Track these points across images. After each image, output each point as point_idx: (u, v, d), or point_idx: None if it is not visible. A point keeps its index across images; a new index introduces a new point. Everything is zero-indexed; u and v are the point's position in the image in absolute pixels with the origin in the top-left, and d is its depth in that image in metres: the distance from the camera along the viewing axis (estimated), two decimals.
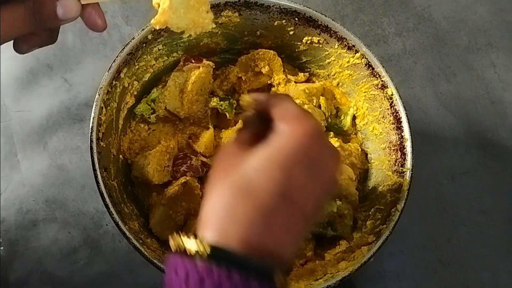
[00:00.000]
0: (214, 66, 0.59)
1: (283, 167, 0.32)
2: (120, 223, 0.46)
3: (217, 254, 0.29)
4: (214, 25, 0.40)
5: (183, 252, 0.30)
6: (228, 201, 0.31)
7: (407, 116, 0.54)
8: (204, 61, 0.58)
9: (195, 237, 0.31)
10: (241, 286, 0.28)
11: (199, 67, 0.57)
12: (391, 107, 0.56)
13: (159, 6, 0.38)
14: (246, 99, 0.39)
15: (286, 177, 0.32)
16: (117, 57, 0.51)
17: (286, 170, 0.32)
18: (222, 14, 0.57)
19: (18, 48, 0.36)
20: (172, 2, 0.37)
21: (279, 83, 0.62)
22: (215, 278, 0.28)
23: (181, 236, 0.31)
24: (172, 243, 0.31)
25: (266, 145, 0.33)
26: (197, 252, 0.29)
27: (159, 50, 0.56)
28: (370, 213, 0.55)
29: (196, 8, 0.38)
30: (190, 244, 0.30)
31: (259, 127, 0.37)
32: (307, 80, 0.64)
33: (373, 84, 0.57)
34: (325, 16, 0.56)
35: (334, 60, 0.60)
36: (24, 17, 0.34)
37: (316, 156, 0.33)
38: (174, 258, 0.31)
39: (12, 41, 0.35)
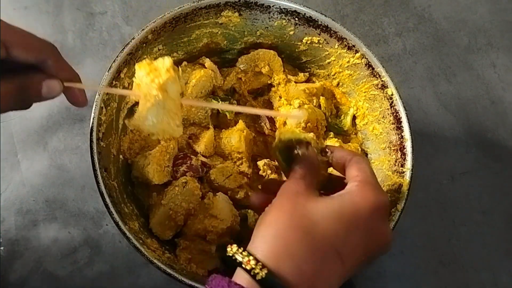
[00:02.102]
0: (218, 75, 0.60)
1: (347, 226, 0.35)
2: (120, 223, 0.46)
3: (269, 281, 0.32)
4: (181, 133, 0.43)
5: (234, 263, 0.33)
6: (289, 234, 0.34)
7: (407, 116, 0.54)
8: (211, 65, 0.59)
9: (248, 253, 0.33)
10: None
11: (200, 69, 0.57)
12: (391, 107, 0.56)
13: (136, 104, 0.41)
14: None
15: (346, 236, 0.35)
16: (117, 57, 0.51)
17: (348, 230, 0.35)
18: (222, 14, 0.57)
19: None
20: (147, 114, 0.40)
21: (279, 83, 0.62)
22: None
23: (239, 250, 0.34)
24: (229, 250, 0.34)
25: (338, 200, 0.36)
26: (251, 270, 0.32)
27: (159, 50, 0.56)
28: None
29: (167, 122, 0.42)
30: (248, 261, 0.33)
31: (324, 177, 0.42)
32: (307, 80, 0.64)
33: (373, 84, 0.57)
34: (325, 16, 0.56)
35: (334, 60, 0.60)
36: (12, 94, 0.36)
37: (376, 229, 0.36)
38: (219, 280, 0.32)
39: None
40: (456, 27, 0.78)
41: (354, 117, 0.63)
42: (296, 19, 0.57)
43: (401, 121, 0.55)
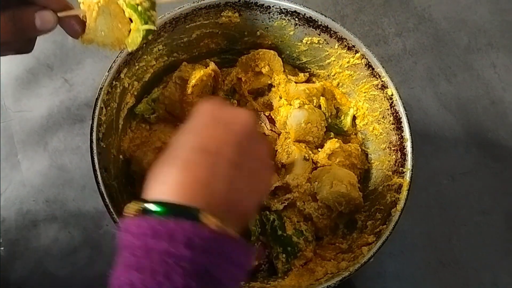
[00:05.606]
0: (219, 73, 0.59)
1: (193, 130, 0.36)
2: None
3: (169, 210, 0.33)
4: (136, 47, 0.42)
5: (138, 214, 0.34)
6: (160, 170, 0.36)
7: (407, 116, 0.54)
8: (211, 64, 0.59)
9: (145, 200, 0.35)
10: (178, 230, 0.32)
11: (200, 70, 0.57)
12: (391, 107, 0.56)
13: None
14: None
15: (198, 135, 0.36)
16: (117, 57, 0.51)
17: (197, 130, 0.36)
18: (222, 14, 0.57)
19: None
20: (95, 24, 0.39)
21: (279, 83, 0.62)
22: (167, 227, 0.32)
23: (139, 202, 0.35)
24: (132, 207, 0.35)
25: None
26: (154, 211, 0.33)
27: (159, 50, 0.56)
28: (370, 213, 0.55)
29: (119, 28, 0.41)
30: (150, 205, 0.34)
31: None
32: (307, 80, 0.64)
33: (373, 85, 0.57)
34: (325, 16, 0.56)
35: (334, 61, 0.60)
36: (4, 25, 0.36)
37: (221, 114, 0.37)
38: (127, 221, 0.34)
39: None
40: (456, 27, 0.78)
41: (354, 118, 0.63)
42: (296, 19, 0.57)
43: (401, 121, 0.55)
